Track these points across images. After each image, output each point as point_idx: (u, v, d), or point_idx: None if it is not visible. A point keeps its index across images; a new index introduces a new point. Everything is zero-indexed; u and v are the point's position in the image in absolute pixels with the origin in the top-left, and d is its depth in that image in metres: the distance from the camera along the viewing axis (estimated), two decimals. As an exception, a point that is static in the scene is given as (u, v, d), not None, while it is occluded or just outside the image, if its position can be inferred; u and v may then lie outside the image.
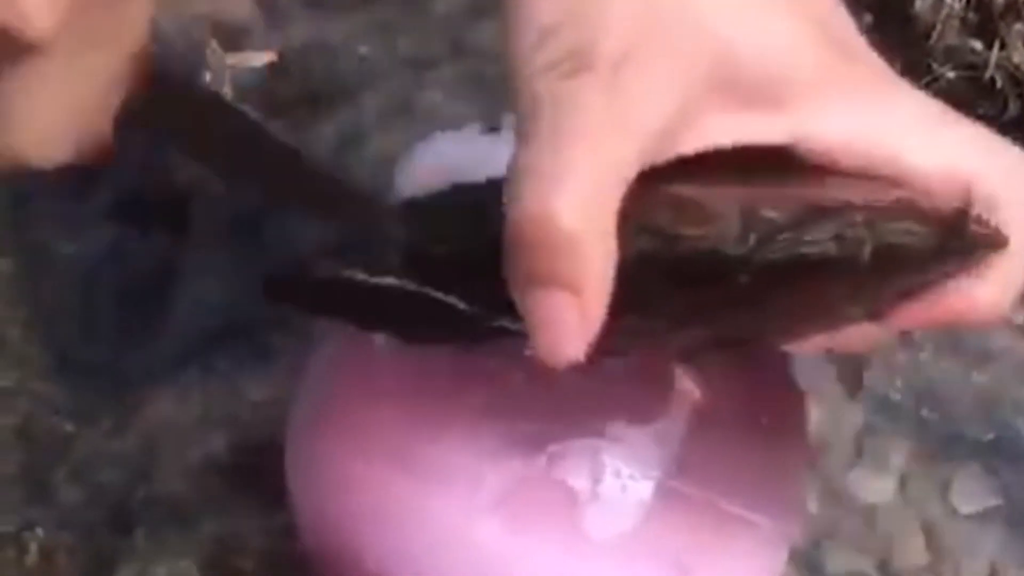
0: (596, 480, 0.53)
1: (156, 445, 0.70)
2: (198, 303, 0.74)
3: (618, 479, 0.53)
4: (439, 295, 0.45)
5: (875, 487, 0.69)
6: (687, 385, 0.54)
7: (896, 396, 0.71)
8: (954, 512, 0.69)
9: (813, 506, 0.68)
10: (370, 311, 0.48)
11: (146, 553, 0.68)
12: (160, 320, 0.74)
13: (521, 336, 0.44)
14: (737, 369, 0.55)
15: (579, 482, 0.52)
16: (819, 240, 0.43)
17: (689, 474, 0.53)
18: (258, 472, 0.66)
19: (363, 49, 0.79)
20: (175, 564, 0.68)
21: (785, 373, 0.57)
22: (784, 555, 0.57)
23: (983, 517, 0.69)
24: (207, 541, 0.68)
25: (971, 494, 0.69)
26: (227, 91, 0.77)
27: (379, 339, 0.53)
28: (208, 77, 0.77)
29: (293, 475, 0.59)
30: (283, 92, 0.78)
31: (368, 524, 0.55)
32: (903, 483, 0.69)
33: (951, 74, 0.75)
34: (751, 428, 0.55)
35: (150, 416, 0.71)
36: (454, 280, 0.45)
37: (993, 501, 0.69)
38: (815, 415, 0.69)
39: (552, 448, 0.52)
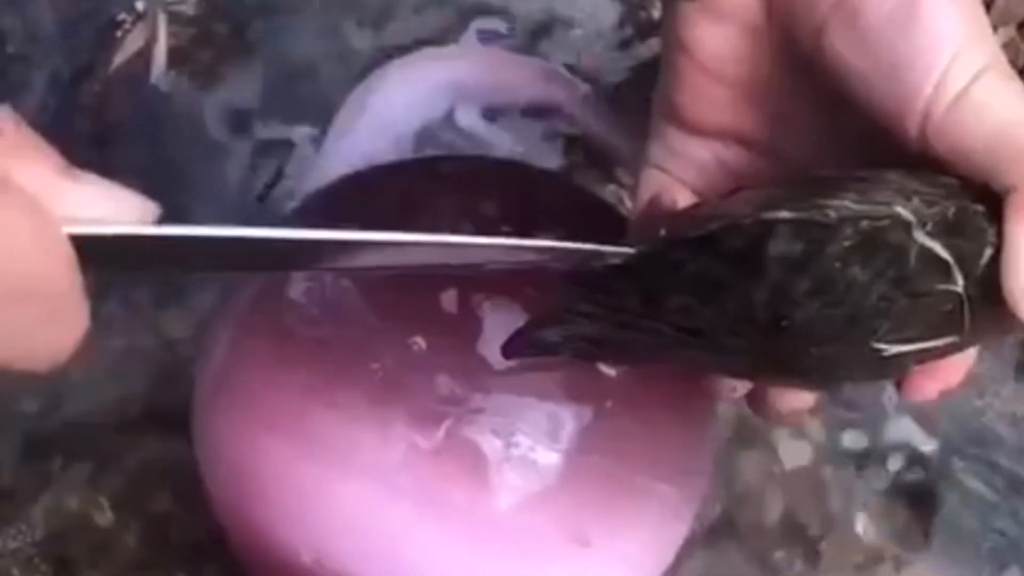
0: (500, 452, 0.52)
1: (75, 376, 0.70)
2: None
3: (522, 451, 0.53)
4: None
5: (794, 454, 0.70)
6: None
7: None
8: (864, 481, 0.70)
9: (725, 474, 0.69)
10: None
11: (59, 485, 0.68)
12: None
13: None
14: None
15: (483, 454, 0.52)
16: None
17: (595, 446, 0.53)
18: (175, 409, 0.66)
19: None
20: (88, 497, 0.68)
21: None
22: (689, 523, 0.58)
23: (891, 488, 0.70)
24: (122, 476, 0.68)
25: (881, 466, 0.70)
26: (161, 24, 0.76)
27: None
28: (141, 7, 0.76)
29: (199, 442, 0.59)
30: (214, 26, 0.77)
31: (270, 499, 0.54)
32: (819, 450, 0.70)
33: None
34: (661, 399, 0.55)
35: (69, 347, 0.70)
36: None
37: (900, 474, 0.70)
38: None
39: (456, 420, 0.52)
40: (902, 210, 0.43)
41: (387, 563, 0.53)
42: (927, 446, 0.70)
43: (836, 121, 0.48)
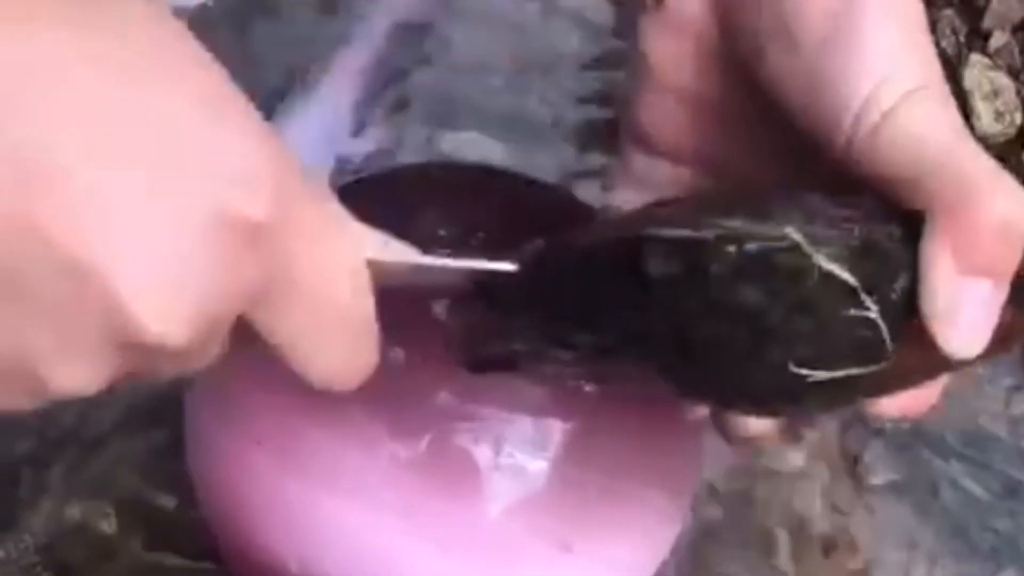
0: (483, 462, 0.53)
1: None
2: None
3: (505, 460, 0.53)
4: None
5: (784, 457, 0.70)
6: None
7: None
8: (861, 483, 0.70)
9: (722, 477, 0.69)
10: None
11: (62, 490, 0.68)
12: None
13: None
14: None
15: (466, 464, 0.53)
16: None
17: (579, 453, 0.54)
18: (179, 415, 0.66)
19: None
20: (91, 503, 0.68)
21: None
22: (677, 530, 0.58)
23: (888, 489, 0.70)
24: (125, 482, 0.68)
25: (878, 468, 0.70)
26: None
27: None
28: None
29: (191, 455, 0.60)
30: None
31: (257, 512, 0.55)
32: (811, 454, 0.70)
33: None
34: (648, 403, 0.55)
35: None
36: None
37: (897, 476, 0.70)
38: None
39: (440, 431, 0.53)
40: (792, 231, 0.42)
41: (373, 573, 0.54)
42: (921, 447, 0.71)
43: (783, 143, 0.48)
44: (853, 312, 0.42)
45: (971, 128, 0.74)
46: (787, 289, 0.42)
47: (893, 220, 0.43)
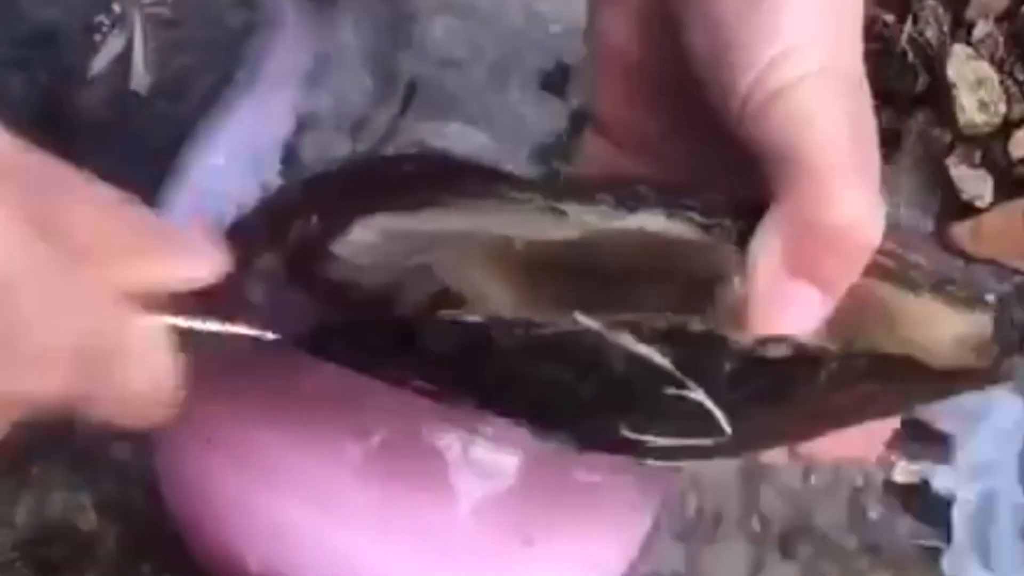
0: (450, 458, 0.52)
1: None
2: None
3: (468, 454, 0.52)
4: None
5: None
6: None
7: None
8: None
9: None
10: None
11: (42, 485, 0.68)
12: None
13: None
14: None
15: (432, 461, 0.52)
16: None
17: (549, 449, 0.52)
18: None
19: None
20: (72, 500, 0.68)
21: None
22: (649, 524, 0.57)
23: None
24: (106, 479, 0.68)
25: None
26: (136, 28, 0.76)
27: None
28: (117, 9, 0.76)
29: (157, 454, 0.60)
30: (190, 31, 0.77)
31: (217, 514, 0.55)
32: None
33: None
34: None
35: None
36: None
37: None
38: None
39: (401, 429, 0.52)
40: (584, 319, 0.40)
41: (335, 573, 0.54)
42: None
43: (707, 121, 0.45)
44: (674, 391, 0.41)
45: (955, 119, 0.74)
46: (591, 366, 0.40)
47: (733, 213, 0.42)
